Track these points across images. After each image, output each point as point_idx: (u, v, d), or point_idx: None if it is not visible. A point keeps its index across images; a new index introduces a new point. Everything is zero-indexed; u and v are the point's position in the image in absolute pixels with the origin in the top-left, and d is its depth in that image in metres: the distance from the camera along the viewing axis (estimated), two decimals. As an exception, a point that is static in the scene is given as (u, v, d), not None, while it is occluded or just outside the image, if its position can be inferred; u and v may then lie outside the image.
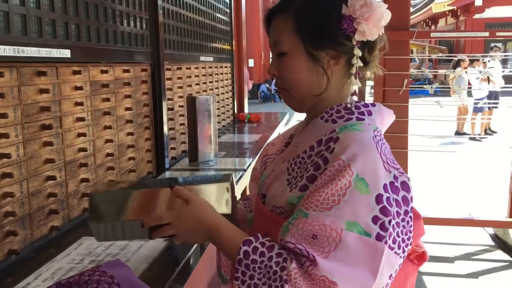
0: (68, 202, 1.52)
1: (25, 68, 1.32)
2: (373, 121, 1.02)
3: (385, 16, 0.99)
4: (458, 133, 9.22)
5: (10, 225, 1.26)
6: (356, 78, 1.02)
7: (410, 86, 4.02)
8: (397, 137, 3.87)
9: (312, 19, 1.01)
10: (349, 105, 1.03)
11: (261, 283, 0.87)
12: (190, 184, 1.10)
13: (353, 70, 1.02)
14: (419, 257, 1.13)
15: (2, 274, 1.20)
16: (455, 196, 5.49)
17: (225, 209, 1.08)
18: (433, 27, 25.16)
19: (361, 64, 1.02)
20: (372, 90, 4.16)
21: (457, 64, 9.42)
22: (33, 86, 1.36)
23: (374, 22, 0.98)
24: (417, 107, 4.75)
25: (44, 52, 1.37)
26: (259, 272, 0.88)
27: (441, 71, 8.37)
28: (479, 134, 8.85)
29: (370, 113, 1.03)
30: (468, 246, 4.11)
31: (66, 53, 1.48)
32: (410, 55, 4.21)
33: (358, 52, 1.00)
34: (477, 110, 8.94)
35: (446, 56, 8.34)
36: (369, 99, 4.47)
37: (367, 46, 1.03)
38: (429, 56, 8.83)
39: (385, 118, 1.07)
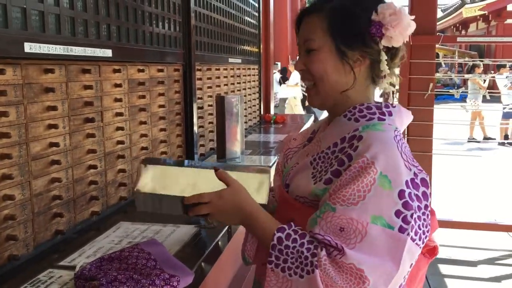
0: (107, 190, 1.65)
1: (72, 66, 1.46)
2: (393, 121, 1.09)
3: (411, 26, 1.08)
4: (474, 139, 9.09)
5: (57, 208, 1.39)
6: (382, 80, 1.12)
7: (436, 90, 4.04)
8: (422, 140, 3.90)
9: (344, 20, 1.09)
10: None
11: (294, 266, 0.95)
12: (232, 170, 1.20)
13: (385, 71, 1.10)
14: (431, 251, 1.20)
15: (50, 251, 1.34)
16: (481, 201, 5.46)
17: (261, 199, 1.17)
18: (463, 32, 24.76)
19: (387, 68, 1.10)
20: (397, 94, 4.20)
21: (472, 69, 9.35)
22: (78, 83, 1.49)
23: (401, 29, 1.06)
24: (444, 111, 4.76)
25: (89, 51, 1.50)
26: (291, 256, 0.96)
27: (467, 76, 8.30)
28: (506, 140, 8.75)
29: (390, 114, 1.10)
30: (492, 251, 4.10)
31: (108, 52, 1.61)
32: (437, 59, 4.24)
33: (384, 56, 1.08)
34: (507, 116, 8.82)
35: (473, 61, 8.29)
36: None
37: (390, 53, 1.11)
38: (454, 60, 8.77)
39: (404, 119, 1.15)
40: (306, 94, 1.19)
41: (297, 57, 1.19)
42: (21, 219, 1.25)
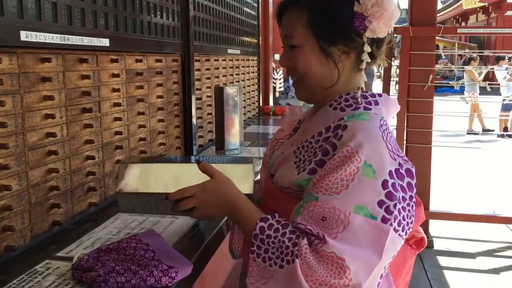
0: (105, 181, 1.64)
1: (69, 55, 1.44)
2: (380, 111, 1.07)
3: (396, 14, 1.03)
4: (472, 131, 9.10)
5: (54, 198, 1.38)
6: (364, 73, 1.09)
7: (436, 82, 4.03)
8: (421, 132, 3.89)
9: (325, 14, 1.05)
10: (357, 97, 1.08)
11: (274, 256, 0.93)
12: (216, 163, 1.18)
13: (363, 66, 1.07)
14: (418, 242, 1.19)
15: (47, 242, 1.33)
16: (480, 193, 5.46)
17: (246, 188, 1.16)
18: (463, 24, 24.69)
19: (369, 60, 1.07)
20: (397, 86, 4.19)
21: (468, 62, 9.36)
22: (75, 72, 1.47)
23: (385, 20, 1.02)
24: (443, 103, 4.74)
25: (86, 41, 1.48)
26: (272, 246, 0.94)
27: (467, 68, 8.28)
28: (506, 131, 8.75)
29: (376, 103, 1.08)
30: (491, 243, 4.11)
31: (105, 42, 1.59)
32: (437, 51, 4.22)
33: (368, 48, 1.05)
34: (506, 108, 8.81)
35: (473, 53, 8.29)
36: (393, 94, 4.48)
37: (376, 42, 1.08)
38: (454, 52, 8.76)
39: (390, 108, 1.12)
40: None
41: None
42: (18, 209, 1.24)
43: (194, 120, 2.42)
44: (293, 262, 0.90)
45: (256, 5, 4.22)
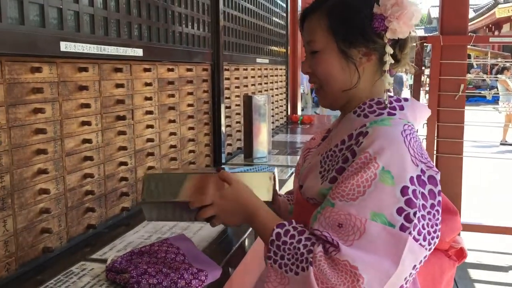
0: (137, 186, 1.69)
1: (105, 65, 1.49)
2: (405, 116, 1.04)
3: (416, 14, 1.02)
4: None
5: (89, 203, 1.43)
6: (389, 75, 1.07)
7: (467, 92, 3.96)
8: (452, 142, 3.83)
9: (344, 17, 1.04)
10: (385, 102, 1.06)
11: (290, 263, 0.93)
12: (236, 172, 1.20)
13: (386, 67, 1.06)
14: (458, 253, 1.15)
15: (82, 244, 1.37)
16: (513, 205, 5.32)
17: (265, 196, 1.17)
18: (496, 32, 24.16)
19: (392, 61, 1.06)
20: (427, 96, 4.14)
21: (501, 71, 9.16)
22: (110, 81, 1.53)
23: (405, 20, 1.00)
24: (476, 113, 4.66)
25: (121, 51, 1.54)
26: (288, 253, 0.93)
27: (501, 77, 8.10)
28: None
29: (402, 108, 1.05)
30: (524, 256, 4.00)
31: (139, 52, 1.64)
32: (468, 60, 4.16)
33: (389, 49, 1.03)
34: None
35: (506, 62, 8.12)
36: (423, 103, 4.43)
37: (398, 44, 1.06)
38: (486, 61, 8.60)
39: (418, 113, 1.10)
40: None
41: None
42: (56, 212, 1.29)
43: (223, 128, 2.46)
44: (307, 269, 0.89)
45: (284, 15, 4.26)
